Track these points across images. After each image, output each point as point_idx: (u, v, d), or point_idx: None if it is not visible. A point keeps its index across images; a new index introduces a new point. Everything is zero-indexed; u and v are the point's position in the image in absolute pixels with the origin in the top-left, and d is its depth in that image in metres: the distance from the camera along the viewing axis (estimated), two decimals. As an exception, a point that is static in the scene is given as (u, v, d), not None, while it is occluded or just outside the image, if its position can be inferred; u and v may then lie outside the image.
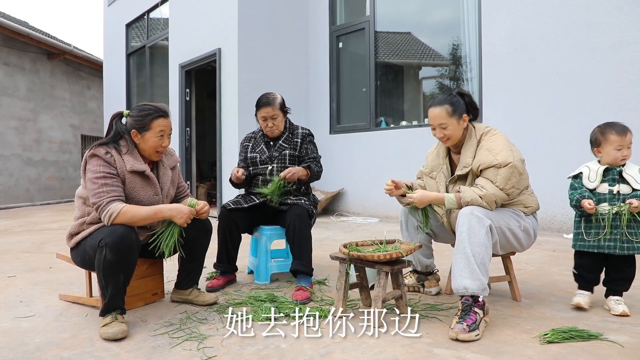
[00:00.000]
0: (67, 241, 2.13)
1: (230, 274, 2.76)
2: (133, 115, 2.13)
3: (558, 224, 4.36)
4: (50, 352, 1.76)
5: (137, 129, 2.11)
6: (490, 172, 2.05)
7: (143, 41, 8.73)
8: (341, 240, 4.18)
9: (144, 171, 2.09)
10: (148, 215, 1.99)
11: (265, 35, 6.32)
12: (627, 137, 2.11)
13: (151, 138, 2.12)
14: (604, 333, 1.85)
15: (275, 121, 2.77)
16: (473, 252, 1.94)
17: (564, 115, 4.33)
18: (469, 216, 1.98)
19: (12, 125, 9.71)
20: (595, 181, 2.17)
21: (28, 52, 10.06)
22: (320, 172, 2.85)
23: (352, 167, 6.30)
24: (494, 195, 2.02)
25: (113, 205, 1.93)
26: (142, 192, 2.09)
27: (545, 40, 4.44)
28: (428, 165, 2.41)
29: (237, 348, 1.77)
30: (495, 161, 2.04)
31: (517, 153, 2.12)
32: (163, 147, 2.17)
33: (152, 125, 2.11)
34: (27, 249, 4.12)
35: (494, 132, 2.18)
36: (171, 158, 2.34)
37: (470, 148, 2.17)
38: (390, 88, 6.57)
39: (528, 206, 2.20)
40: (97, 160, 2.02)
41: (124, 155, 2.08)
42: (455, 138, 2.20)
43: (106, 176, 1.99)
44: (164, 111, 2.16)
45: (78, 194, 2.14)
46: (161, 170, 2.26)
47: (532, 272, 2.93)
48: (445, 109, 2.15)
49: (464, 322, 1.85)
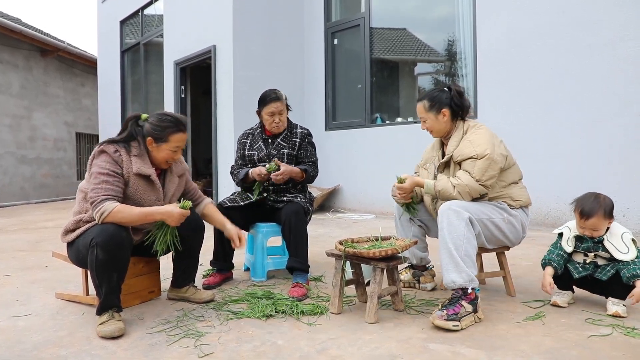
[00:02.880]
0: (61, 236, 2.13)
1: (227, 271, 2.77)
2: (152, 123, 2.12)
3: (552, 220, 4.40)
4: (48, 351, 1.77)
5: (154, 138, 2.11)
6: (468, 163, 2.10)
7: (137, 38, 8.69)
8: (337, 237, 4.19)
9: (149, 175, 2.10)
10: (139, 217, 1.98)
11: (260, 31, 6.31)
12: (588, 221, 2.02)
13: (165, 150, 2.12)
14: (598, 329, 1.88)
15: (282, 117, 2.77)
16: (455, 246, 1.97)
17: (559, 112, 4.35)
18: (447, 211, 2.02)
19: (5, 122, 9.65)
20: (570, 247, 2.15)
21: (21, 49, 9.98)
22: (315, 176, 2.86)
23: (348, 163, 6.31)
24: (467, 187, 2.06)
25: (107, 203, 1.93)
26: (144, 195, 2.09)
27: (541, 36, 4.45)
28: (423, 157, 2.49)
29: (233, 345, 1.78)
30: (474, 152, 2.08)
31: (499, 148, 2.15)
32: (174, 160, 2.18)
33: (170, 138, 2.11)
34: (23, 248, 4.11)
35: (480, 126, 2.23)
36: (180, 166, 2.33)
37: (455, 138, 2.24)
38: (386, 84, 6.58)
39: (516, 199, 2.22)
40: (105, 157, 2.03)
41: (132, 157, 2.08)
42: (438, 130, 2.29)
43: (109, 174, 1.99)
44: (184, 125, 2.16)
45: (81, 187, 2.14)
46: (168, 177, 2.25)
47: (527, 268, 2.96)
48: (423, 104, 2.28)
49: (446, 310, 1.89)
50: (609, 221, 2.06)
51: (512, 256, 3.11)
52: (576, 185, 4.25)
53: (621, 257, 2.01)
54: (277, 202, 2.75)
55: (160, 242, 2.11)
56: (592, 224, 2.03)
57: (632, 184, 3.94)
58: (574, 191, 2.20)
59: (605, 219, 2.03)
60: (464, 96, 2.28)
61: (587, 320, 1.97)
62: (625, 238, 2.04)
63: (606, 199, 2.05)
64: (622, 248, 2.02)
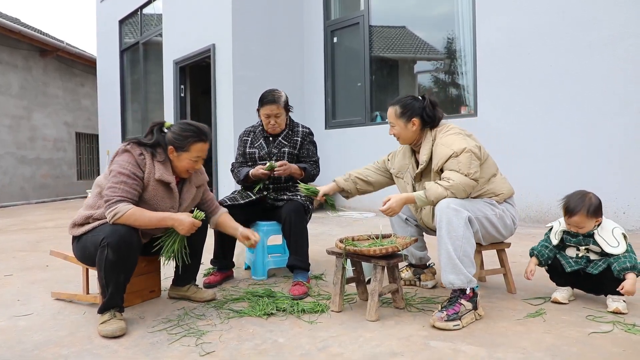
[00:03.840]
0: (69, 229, 2.12)
1: (228, 270, 2.77)
2: (174, 132, 2.12)
3: (553, 218, 4.39)
4: (49, 350, 1.77)
5: (175, 147, 2.11)
6: (451, 162, 2.07)
7: (137, 37, 8.68)
8: (337, 235, 4.20)
9: (169, 183, 2.10)
10: (151, 221, 1.99)
11: (259, 30, 6.30)
12: (572, 218, 2.07)
13: (186, 159, 2.12)
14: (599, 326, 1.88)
15: (278, 119, 2.76)
16: (454, 247, 1.96)
17: (559, 111, 4.34)
18: (446, 210, 1.98)
19: (5, 123, 9.65)
20: (556, 240, 2.20)
21: (20, 49, 9.97)
22: (316, 175, 2.85)
23: (348, 161, 6.30)
24: (461, 184, 2.02)
25: (121, 205, 1.94)
26: (161, 202, 2.09)
27: (540, 34, 4.45)
28: (395, 166, 2.45)
29: (235, 343, 1.79)
30: (451, 151, 2.06)
31: (472, 140, 2.15)
32: (194, 170, 2.18)
33: (191, 148, 2.11)
34: (23, 248, 4.11)
35: (447, 128, 2.21)
36: (200, 177, 2.33)
37: (425, 146, 2.22)
38: (385, 82, 6.57)
39: (499, 193, 2.20)
40: (128, 157, 2.03)
41: (156, 162, 2.08)
42: (405, 138, 2.27)
43: (129, 175, 1.99)
44: (206, 135, 2.15)
45: (97, 182, 2.14)
46: (186, 186, 2.25)
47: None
48: (395, 110, 2.24)
49: (445, 311, 1.89)
50: (595, 220, 2.08)
51: (512, 253, 3.11)
52: (576, 184, 4.23)
53: (611, 251, 2.04)
54: (277, 201, 2.75)
55: (168, 250, 2.11)
56: (576, 221, 2.08)
57: (632, 182, 3.94)
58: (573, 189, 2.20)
59: (589, 218, 2.06)
60: (437, 108, 2.25)
61: (588, 317, 1.97)
62: (616, 233, 2.07)
63: (592, 199, 2.07)
64: (612, 242, 2.05)
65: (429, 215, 2.27)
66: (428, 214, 2.28)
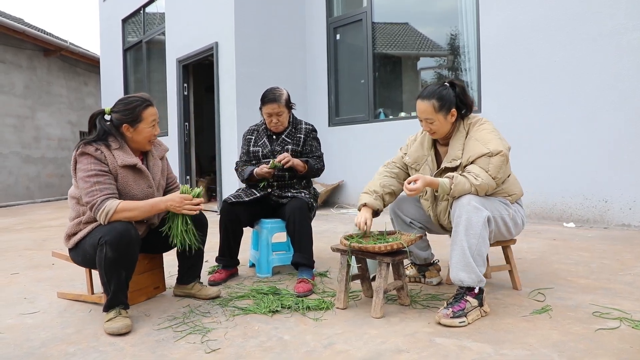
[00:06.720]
0: (65, 242, 2.12)
1: (232, 267, 2.77)
2: (120, 110, 2.10)
3: (558, 213, 4.38)
4: (56, 348, 1.78)
5: (128, 123, 2.09)
6: (483, 160, 2.01)
7: (140, 36, 8.68)
8: (341, 233, 4.18)
9: (135, 164, 2.08)
10: (144, 210, 1.99)
11: (262, 28, 6.29)
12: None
13: (145, 129, 2.12)
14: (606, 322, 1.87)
15: (280, 117, 2.76)
16: (469, 244, 1.93)
17: (561, 105, 4.32)
18: (467, 207, 1.94)
19: (9, 123, 9.69)
20: None
21: (24, 49, 10.01)
22: (321, 169, 2.84)
23: (352, 159, 6.30)
24: (487, 185, 1.99)
25: (108, 203, 1.93)
26: (135, 186, 2.09)
27: (543, 29, 4.42)
28: (411, 156, 2.33)
29: (240, 341, 1.79)
30: (487, 150, 2.01)
31: (505, 141, 2.10)
32: (155, 136, 2.17)
33: (144, 115, 2.10)
34: (29, 247, 4.13)
35: (482, 122, 2.14)
36: (160, 148, 2.33)
37: (459, 140, 2.12)
38: (389, 79, 6.55)
39: (512, 194, 2.17)
40: (87, 159, 2.00)
41: (114, 151, 2.06)
42: (443, 132, 2.14)
43: (98, 174, 1.98)
44: (150, 100, 2.16)
45: (71, 194, 2.12)
46: (151, 161, 2.25)
47: (533, 261, 2.94)
48: (432, 105, 2.09)
49: (451, 308, 1.88)
50: None
51: (518, 250, 3.10)
52: (582, 180, 4.24)
53: None
54: (281, 198, 2.75)
55: (177, 235, 2.13)
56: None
57: (637, 176, 3.91)
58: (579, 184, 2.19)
59: None
60: (467, 92, 2.18)
61: (594, 313, 1.96)
62: None
63: None
64: None
65: (444, 211, 2.21)
66: (444, 210, 2.21)
